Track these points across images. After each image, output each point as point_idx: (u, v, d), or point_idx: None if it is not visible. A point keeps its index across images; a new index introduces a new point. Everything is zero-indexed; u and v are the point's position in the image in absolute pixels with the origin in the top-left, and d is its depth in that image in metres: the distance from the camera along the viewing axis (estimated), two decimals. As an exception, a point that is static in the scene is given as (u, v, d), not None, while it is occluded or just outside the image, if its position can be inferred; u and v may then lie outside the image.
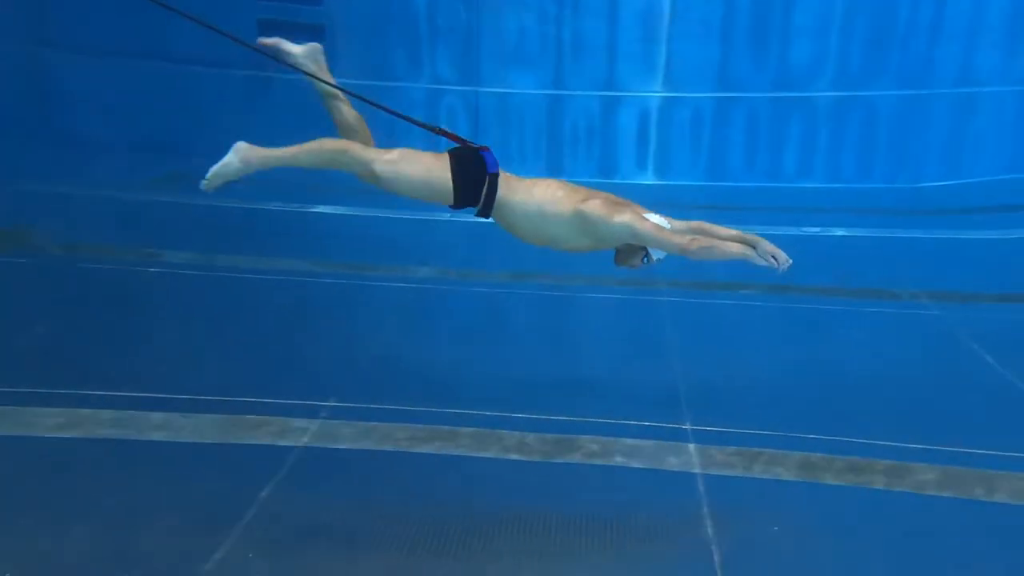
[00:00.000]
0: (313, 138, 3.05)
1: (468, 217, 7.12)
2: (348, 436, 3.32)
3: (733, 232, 3.14)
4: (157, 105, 7.98)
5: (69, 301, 4.65)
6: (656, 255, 3.08)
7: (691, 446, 3.42)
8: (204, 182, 2.98)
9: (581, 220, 2.98)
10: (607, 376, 4.12)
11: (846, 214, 7.42)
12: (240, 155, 2.96)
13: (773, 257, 3.03)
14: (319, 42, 3.26)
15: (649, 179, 8.85)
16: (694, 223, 3.19)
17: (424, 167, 3.00)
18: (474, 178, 3.00)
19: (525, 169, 8.49)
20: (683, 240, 3.02)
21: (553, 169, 8.53)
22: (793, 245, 6.46)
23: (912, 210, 7.75)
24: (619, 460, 3.30)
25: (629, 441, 3.43)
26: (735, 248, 3.07)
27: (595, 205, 2.97)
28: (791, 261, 3.03)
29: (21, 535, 2.61)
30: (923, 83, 8.48)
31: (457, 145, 3.13)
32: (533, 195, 3.03)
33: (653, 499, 3.07)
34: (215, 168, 2.96)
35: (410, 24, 8.48)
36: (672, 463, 3.29)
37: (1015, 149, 8.57)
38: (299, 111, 4.45)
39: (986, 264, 6.18)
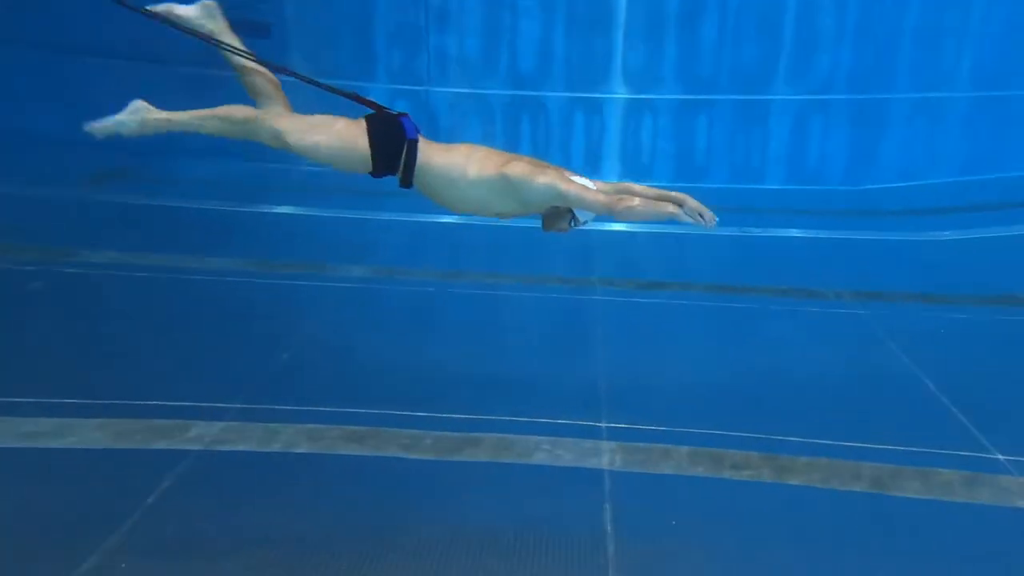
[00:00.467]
0: (222, 103, 2.91)
1: (405, 216, 7.16)
2: (249, 439, 3.28)
3: (659, 191, 3.10)
4: (101, 101, 7.87)
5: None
6: (583, 217, 3.03)
7: (604, 443, 3.46)
8: (91, 127, 2.83)
9: (504, 184, 2.92)
10: (531, 375, 4.13)
11: (791, 215, 7.56)
12: (137, 116, 2.83)
13: (700, 215, 2.99)
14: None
15: (610, 180, 8.91)
16: (620, 183, 3.16)
17: (338, 136, 2.89)
18: (392, 145, 2.91)
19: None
20: (608, 200, 2.96)
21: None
22: (732, 246, 6.67)
23: (856, 212, 7.91)
24: (528, 457, 3.32)
25: (541, 439, 3.45)
26: (661, 207, 3.02)
27: (518, 168, 2.92)
28: (717, 219, 3.00)
29: None
30: (879, 87, 8.66)
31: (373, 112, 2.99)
32: (454, 161, 2.95)
33: (556, 495, 3.09)
34: (107, 122, 2.83)
35: (363, 22, 8.46)
36: (581, 460, 3.32)
37: (965, 152, 8.76)
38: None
39: (915, 264, 6.33)
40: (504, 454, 3.35)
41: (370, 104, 3.01)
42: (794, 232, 7.07)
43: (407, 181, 3.00)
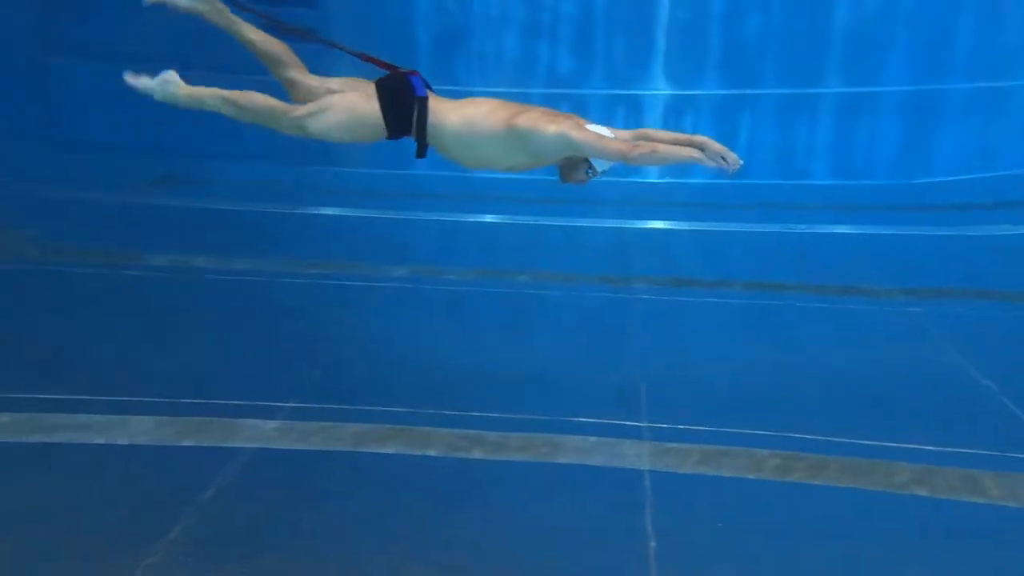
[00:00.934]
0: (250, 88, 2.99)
1: (448, 215, 7.19)
2: (303, 438, 3.36)
3: (679, 135, 2.98)
4: (157, 108, 8.09)
5: (34, 305, 4.72)
6: (600, 166, 2.92)
7: (644, 443, 3.44)
8: (128, 78, 2.93)
9: (515, 136, 2.83)
10: (572, 374, 4.13)
11: (841, 211, 7.37)
12: (168, 88, 2.94)
13: (723, 158, 2.85)
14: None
15: (652, 177, 8.82)
16: (639, 130, 3.04)
17: (352, 113, 2.90)
18: (404, 107, 2.88)
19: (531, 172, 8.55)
20: (625, 148, 2.83)
21: (548, 168, 8.54)
22: (778, 243, 6.52)
23: (909, 207, 7.66)
24: (570, 457, 3.32)
25: (582, 438, 3.45)
26: (681, 152, 2.89)
27: (528, 118, 2.83)
28: (742, 162, 2.87)
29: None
30: (930, 78, 8.38)
31: (386, 73, 2.97)
32: (464, 116, 2.89)
33: (596, 495, 3.09)
34: (142, 80, 2.93)
35: (404, 26, 8.53)
36: (622, 460, 3.31)
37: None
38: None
39: (970, 261, 6.10)
40: (545, 453, 3.34)
41: (381, 64, 2.99)
42: (841, 228, 6.88)
43: (421, 149, 2.99)
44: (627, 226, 6.95)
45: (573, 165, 2.93)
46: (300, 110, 2.93)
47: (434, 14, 8.48)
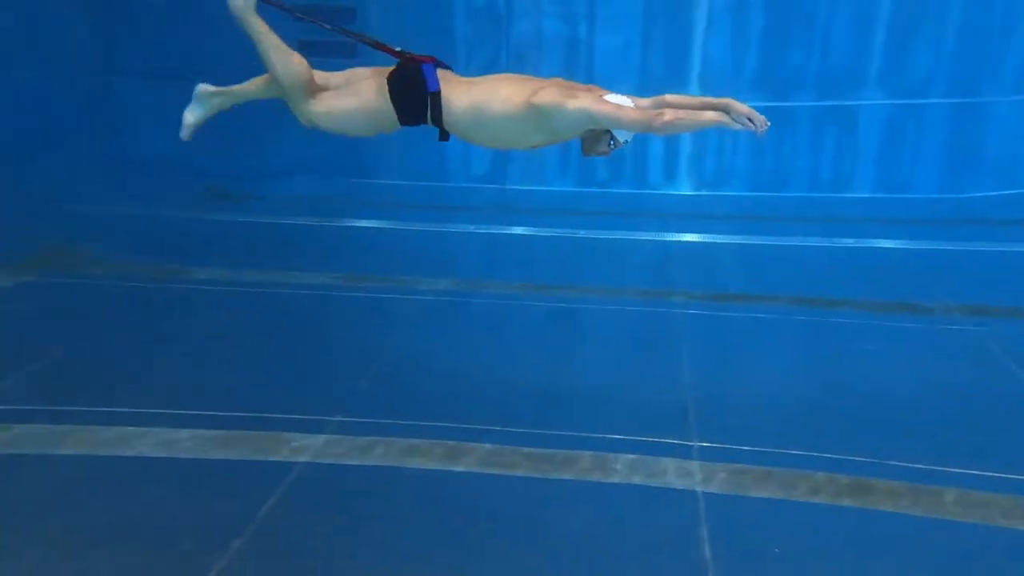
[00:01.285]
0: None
1: (487, 228, 7.14)
2: (351, 452, 3.35)
3: (702, 99, 2.89)
4: (209, 126, 8.20)
5: (89, 320, 4.79)
6: (622, 137, 2.86)
7: (695, 463, 3.34)
8: (182, 134, 3.07)
9: (534, 114, 2.76)
10: (616, 390, 4.06)
11: (887, 225, 7.19)
12: (204, 99, 3.03)
13: (749, 119, 2.77)
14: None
15: (685, 190, 8.73)
16: (659, 97, 2.92)
17: (360, 103, 2.85)
18: (416, 100, 2.83)
19: (562, 181, 8.44)
20: (646, 117, 2.75)
21: (585, 180, 8.51)
22: (826, 257, 6.37)
23: (956, 221, 7.45)
24: (620, 477, 3.25)
25: (632, 457, 3.37)
26: (706, 117, 2.81)
27: (547, 95, 2.75)
28: (769, 124, 2.77)
29: (12, 554, 2.65)
30: (973, 91, 8.17)
31: (398, 62, 2.90)
32: (481, 99, 2.82)
33: (650, 517, 3.01)
34: (185, 119, 3.03)
35: (444, 40, 8.58)
36: (674, 481, 3.22)
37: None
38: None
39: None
40: (593, 472, 3.27)
41: (393, 53, 2.92)
42: (888, 243, 6.69)
43: (443, 133, 2.94)
44: (666, 239, 6.86)
45: (595, 138, 2.86)
46: (316, 102, 2.87)
47: (471, 24, 8.51)
